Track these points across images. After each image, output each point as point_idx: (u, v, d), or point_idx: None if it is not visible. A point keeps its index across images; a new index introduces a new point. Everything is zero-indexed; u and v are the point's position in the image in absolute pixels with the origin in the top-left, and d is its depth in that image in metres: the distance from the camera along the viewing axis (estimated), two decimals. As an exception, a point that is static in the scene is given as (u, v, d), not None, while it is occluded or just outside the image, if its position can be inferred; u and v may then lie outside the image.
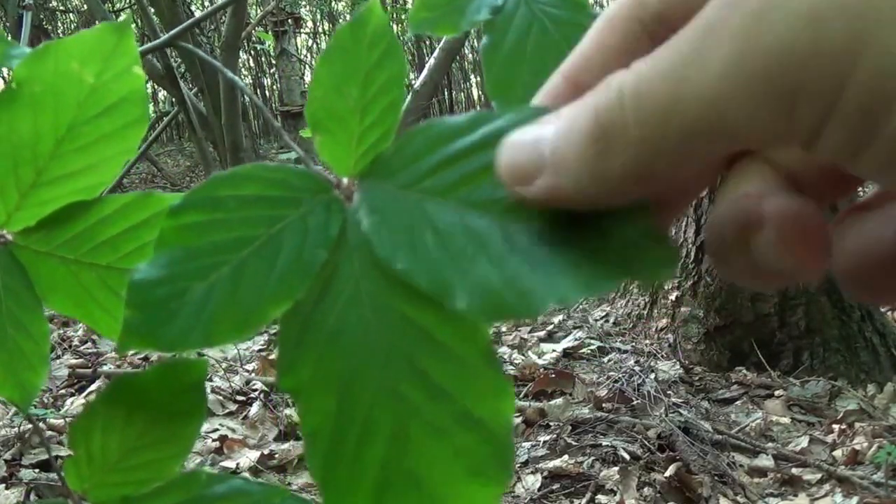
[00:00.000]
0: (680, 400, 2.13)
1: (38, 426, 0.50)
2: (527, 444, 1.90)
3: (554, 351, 2.47)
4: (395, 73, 0.29)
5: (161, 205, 0.39)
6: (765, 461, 1.85)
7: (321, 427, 0.25)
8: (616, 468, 1.76)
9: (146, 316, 0.25)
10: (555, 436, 1.93)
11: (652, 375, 2.23)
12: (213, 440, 1.98)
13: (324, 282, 0.25)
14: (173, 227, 0.26)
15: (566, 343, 2.54)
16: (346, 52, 0.29)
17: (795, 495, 1.72)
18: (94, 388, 2.28)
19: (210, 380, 2.30)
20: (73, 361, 2.50)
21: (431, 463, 0.25)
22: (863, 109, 0.18)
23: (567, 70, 0.25)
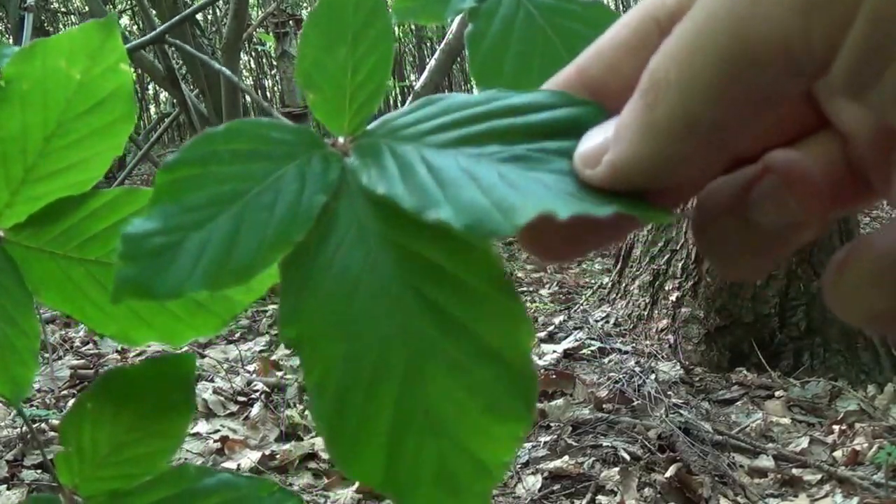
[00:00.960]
0: (680, 400, 2.13)
1: (30, 424, 0.50)
2: (527, 445, 1.90)
3: (554, 352, 2.47)
4: (382, 30, 0.29)
5: (147, 199, 0.39)
6: (765, 462, 1.85)
7: (328, 375, 0.24)
8: (616, 469, 1.76)
9: (141, 266, 0.24)
10: (555, 436, 1.93)
11: (652, 376, 2.23)
12: (215, 441, 1.98)
13: (326, 226, 0.25)
14: (167, 182, 0.25)
15: (566, 344, 2.54)
16: (333, 12, 0.29)
17: (796, 496, 1.72)
18: (95, 388, 2.28)
19: (211, 380, 2.30)
20: (75, 362, 2.50)
21: (448, 401, 0.23)
22: (876, 30, 0.18)
23: (580, 62, 0.26)
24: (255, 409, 2.15)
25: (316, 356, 0.24)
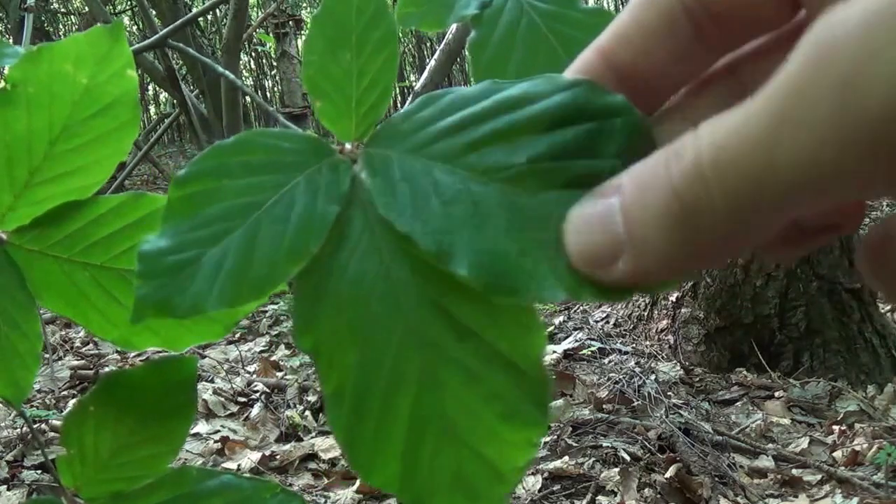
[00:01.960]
0: (680, 401, 2.13)
1: (32, 426, 0.50)
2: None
3: (554, 352, 2.47)
4: (385, 33, 0.29)
5: (154, 205, 0.39)
6: (765, 462, 1.85)
7: (344, 382, 0.24)
8: (616, 469, 1.76)
9: (159, 285, 0.24)
10: (555, 437, 1.93)
11: (652, 376, 2.23)
12: (215, 441, 1.98)
13: (338, 235, 0.25)
14: (180, 197, 0.25)
15: (567, 344, 2.54)
16: (336, 16, 0.29)
17: (796, 496, 1.72)
18: (95, 389, 2.28)
19: (212, 381, 2.30)
20: (75, 363, 2.50)
21: (463, 408, 0.24)
22: None
23: (602, 45, 0.25)
24: (256, 410, 2.15)
25: (332, 365, 0.24)
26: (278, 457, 1.90)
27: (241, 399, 2.24)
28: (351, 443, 0.24)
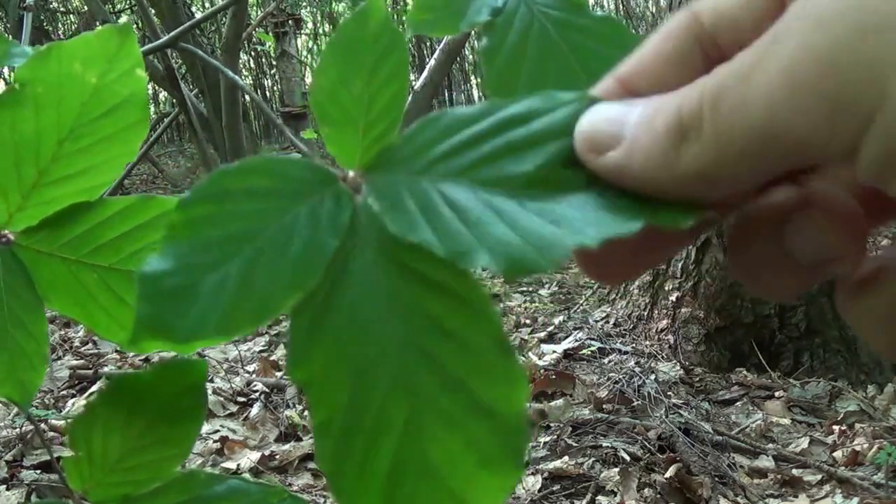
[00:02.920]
0: (680, 401, 2.13)
1: (38, 427, 0.50)
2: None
3: (554, 352, 2.47)
4: (398, 64, 0.29)
5: (162, 207, 0.39)
6: (765, 462, 1.85)
7: (332, 418, 0.25)
8: (616, 469, 1.76)
9: (159, 308, 0.24)
10: (555, 437, 1.93)
11: (652, 376, 2.23)
12: (214, 441, 1.98)
13: (336, 271, 0.25)
14: (183, 220, 0.25)
15: (566, 344, 2.54)
16: (351, 44, 0.29)
17: (796, 496, 1.72)
18: (95, 389, 2.28)
19: (211, 381, 2.30)
20: (75, 362, 2.50)
21: (444, 454, 0.24)
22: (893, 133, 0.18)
23: (621, 73, 0.26)
24: (255, 410, 2.15)
25: (321, 400, 0.25)
26: (278, 456, 1.89)
27: (241, 399, 2.24)
28: (335, 475, 0.25)
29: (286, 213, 0.26)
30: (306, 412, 2.12)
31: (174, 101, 2.70)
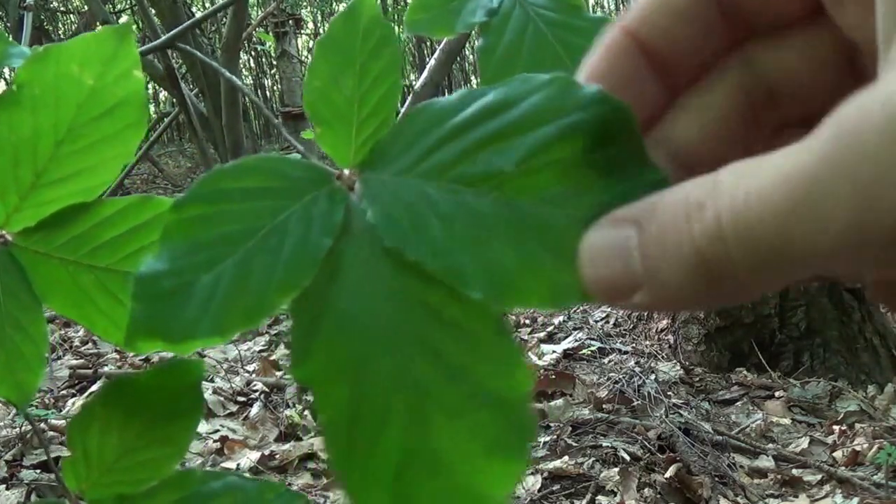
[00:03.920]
0: (680, 401, 2.13)
1: (37, 427, 0.50)
2: (527, 445, 1.90)
3: (554, 352, 2.47)
4: (389, 62, 0.29)
5: (160, 208, 0.39)
6: (765, 462, 1.85)
7: (337, 415, 0.25)
8: (616, 469, 1.77)
9: (154, 309, 0.24)
10: (555, 437, 1.93)
11: (652, 376, 2.23)
12: (214, 441, 1.98)
13: (331, 269, 0.25)
14: (177, 221, 0.26)
15: (566, 344, 2.55)
16: (341, 43, 0.29)
17: (796, 496, 1.72)
18: (94, 388, 2.28)
19: (211, 380, 2.30)
20: (74, 362, 2.50)
21: (449, 443, 0.24)
22: None
23: (628, 24, 0.25)
24: (255, 409, 2.15)
25: (326, 397, 0.25)
26: (277, 456, 1.90)
27: (241, 398, 2.24)
28: (343, 471, 0.25)
29: (280, 212, 0.26)
30: (306, 412, 2.12)
31: (174, 100, 2.70)
